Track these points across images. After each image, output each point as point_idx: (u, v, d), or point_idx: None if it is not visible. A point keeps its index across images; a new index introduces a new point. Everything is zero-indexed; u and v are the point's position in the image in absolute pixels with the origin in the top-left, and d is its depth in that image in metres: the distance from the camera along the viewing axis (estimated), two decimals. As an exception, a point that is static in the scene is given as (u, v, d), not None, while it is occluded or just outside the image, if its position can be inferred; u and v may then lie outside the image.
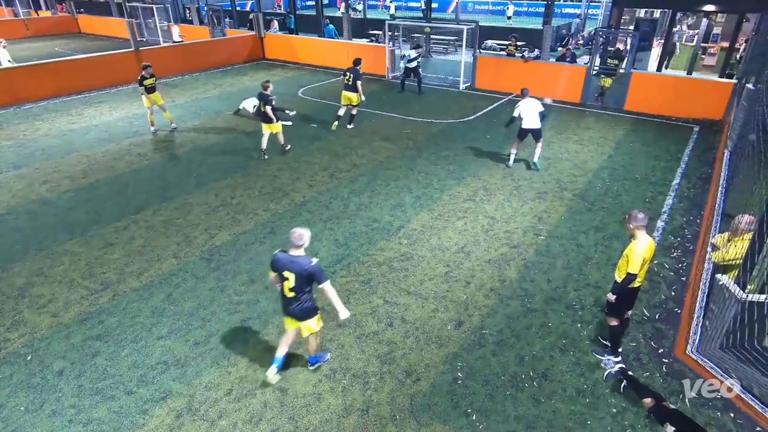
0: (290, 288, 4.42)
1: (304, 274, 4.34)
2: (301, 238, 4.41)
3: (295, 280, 4.36)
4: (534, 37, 21.01)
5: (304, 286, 4.42)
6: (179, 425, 4.46)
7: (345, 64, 19.21)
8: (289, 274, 4.38)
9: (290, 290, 4.43)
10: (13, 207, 8.49)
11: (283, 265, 4.41)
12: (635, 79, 13.64)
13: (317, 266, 4.35)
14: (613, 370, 4.89)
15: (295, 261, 4.38)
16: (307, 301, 4.53)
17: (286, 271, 4.39)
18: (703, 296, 5.67)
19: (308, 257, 4.41)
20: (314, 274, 4.34)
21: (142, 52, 17.62)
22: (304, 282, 4.39)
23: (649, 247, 4.60)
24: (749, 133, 8.23)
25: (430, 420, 4.51)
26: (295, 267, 4.36)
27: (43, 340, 5.47)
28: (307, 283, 4.41)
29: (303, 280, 4.37)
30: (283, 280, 4.44)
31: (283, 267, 4.41)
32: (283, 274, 4.41)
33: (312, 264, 4.34)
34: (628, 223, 4.63)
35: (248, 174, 9.78)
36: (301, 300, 4.48)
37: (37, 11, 33.97)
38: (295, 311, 4.55)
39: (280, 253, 4.51)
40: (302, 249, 4.44)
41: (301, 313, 4.56)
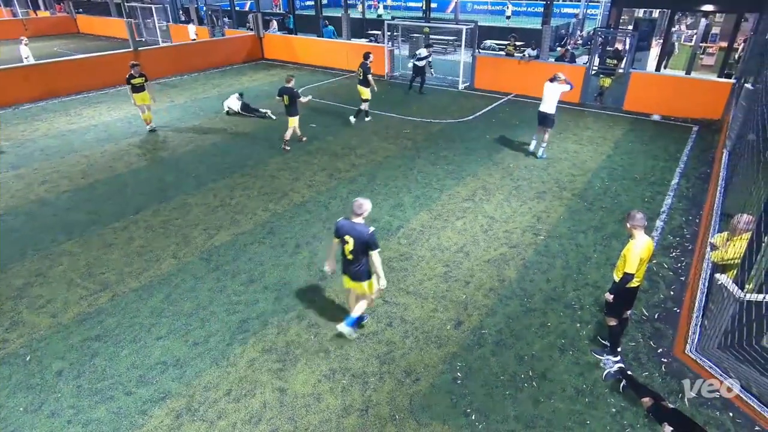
0: (350, 251, 4.95)
1: (362, 239, 4.85)
2: (361, 208, 4.91)
3: (354, 244, 4.89)
4: (533, 37, 21.03)
5: (361, 250, 4.91)
6: (178, 425, 4.45)
7: (344, 64, 19.37)
8: (349, 239, 4.91)
9: (350, 252, 4.96)
10: (12, 207, 8.48)
11: (345, 230, 4.94)
12: (634, 79, 13.66)
13: (373, 235, 4.87)
14: (612, 370, 4.90)
15: (355, 227, 4.90)
16: (364, 264, 5.03)
17: (347, 235, 4.92)
18: (702, 296, 5.67)
19: (367, 226, 4.91)
20: (369, 242, 4.85)
21: (141, 52, 17.61)
22: (361, 246, 4.88)
23: (647, 248, 4.61)
24: (748, 133, 8.24)
25: (430, 420, 4.52)
26: (354, 232, 4.89)
27: (42, 341, 5.47)
28: (363, 247, 4.89)
29: (360, 244, 4.87)
30: (344, 244, 4.98)
31: (345, 232, 4.94)
32: (345, 238, 4.95)
33: (369, 232, 4.85)
34: (627, 222, 4.64)
35: (247, 174, 9.78)
36: (359, 262, 5.01)
37: (36, 11, 33.96)
38: (353, 272, 5.09)
39: (342, 220, 5.04)
40: (362, 217, 4.92)
41: (358, 274, 5.08)
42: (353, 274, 5.10)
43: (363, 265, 5.03)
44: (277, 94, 10.53)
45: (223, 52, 20.36)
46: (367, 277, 5.12)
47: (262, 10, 24.88)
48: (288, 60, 21.07)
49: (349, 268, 5.09)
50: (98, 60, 16.61)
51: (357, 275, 5.08)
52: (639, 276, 4.72)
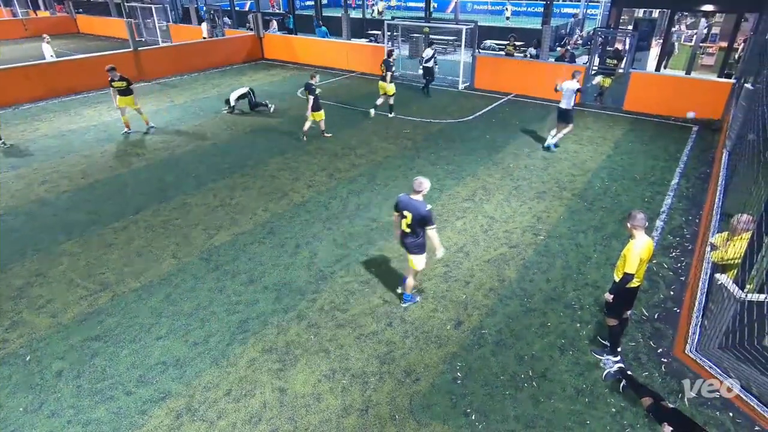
0: (407, 224, 5.36)
1: (419, 215, 5.21)
2: (420, 185, 5.25)
3: (412, 219, 5.28)
4: (533, 37, 21.03)
5: (418, 224, 5.28)
6: (178, 425, 4.45)
7: (344, 64, 19.37)
8: (407, 213, 5.31)
9: (408, 226, 5.37)
10: (12, 207, 8.48)
11: (404, 206, 5.33)
12: (634, 78, 13.66)
13: (429, 212, 5.22)
14: (612, 370, 4.90)
15: (413, 203, 5.26)
16: (420, 237, 5.41)
17: (406, 210, 5.31)
18: (702, 296, 5.67)
19: (425, 203, 5.25)
20: (425, 217, 5.21)
21: (141, 52, 17.62)
22: (417, 221, 5.25)
23: (647, 248, 4.60)
24: (748, 133, 8.24)
25: (430, 420, 4.52)
26: (412, 208, 5.26)
27: (42, 341, 5.46)
28: (419, 222, 5.25)
29: (417, 220, 5.24)
30: (402, 218, 5.37)
31: (404, 207, 5.34)
32: (404, 212, 5.34)
33: (426, 209, 5.21)
34: (627, 222, 4.64)
35: (247, 174, 9.78)
36: (416, 236, 5.40)
37: (36, 11, 33.96)
38: (409, 244, 5.48)
39: (403, 195, 5.43)
40: (421, 195, 5.26)
41: (412, 247, 5.48)
42: (409, 247, 5.49)
43: (418, 238, 5.41)
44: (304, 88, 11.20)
45: (223, 52, 20.36)
46: (417, 252, 5.49)
47: (262, 10, 24.90)
48: (288, 60, 21.07)
49: (407, 241, 5.50)
50: (98, 60, 16.58)
51: (414, 247, 5.46)
52: (639, 276, 4.71)
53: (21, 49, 24.52)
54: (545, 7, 16.56)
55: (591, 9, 31.86)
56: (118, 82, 11.24)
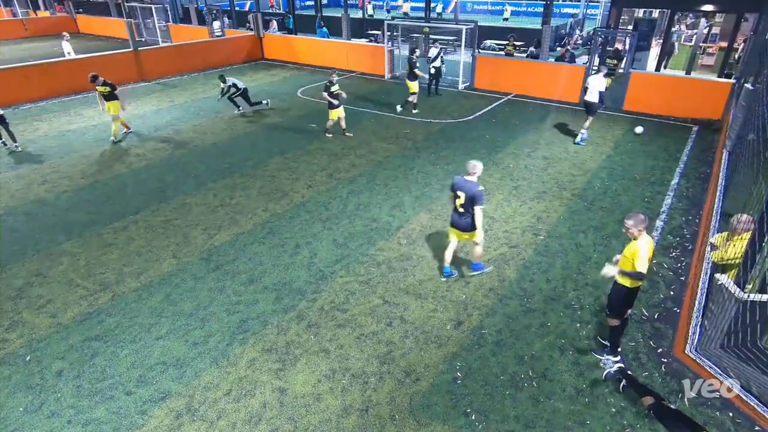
0: (460, 204, 5.80)
1: (471, 194, 5.66)
2: (474, 168, 5.75)
3: (465, 199, 5.72)
4: (532, 37, 21.03)
5: (470, 204, 5.72)
6: (178, 425, 4.45)
7: (344, 65, 19.37)
8: (461, 193, 5.75)
9: (460, 206, 5.81)
10: (12, 207, 8.48)
11: (458, 186, 5.79)
12: (634, 78, 13.66)
13: (481, 192, 5.69)
14: (612, 370, 4.89)
15: (467, 184, 5.73)
16: (470, 216, 5.82)
17: (459, 190, 5.76)
18: (702, 296, 5.67)
19: (477, 183, 5.73)
20: (476, 196, 5.65)
21: (141, 52, 17.62)
22: (470, 201, 5.70)
23: (651, 247, 4.60)
24: (748, 133, 8.25)
25: (430, 420, 4.51)
26: (465, 188, 5.72)
27: (41, 341, 5.47)
28: (471, 201, 5.70)
29: (469, 199, 5.69)
30: (455, 198, 5.81)
31: (458, 187, 5.79)
32: (457, 192, 5.78)
33: (479, 189, 5.67)
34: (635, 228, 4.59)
35: (247, 174, 9.78)
36: (467, 215, 5.81)
37: (36, 11, 33.96)
38: (461, 223, 5.93)
39: (458, 177, 5.90)
40: (475, 176, 5.74)
41: (465, 225, 5.92)
42: (462, 226, 5.95)
43: (469, 219, 5.85)
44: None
45: (223, 52, 20.36)
46: (470, 229, 5.93)
47: (262, 10, 24.89)
48: (288, 60, 21.08)
49: (459, 220, 5.93)
50: (98, 60, 16.60)
51: (464, 226, 5.93)
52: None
53: (21, 49, 24.52)
54: (545, 7, 16.57)
55: (591, 9, 31.86)
56: (101, 87, 11.10)
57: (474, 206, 5.72)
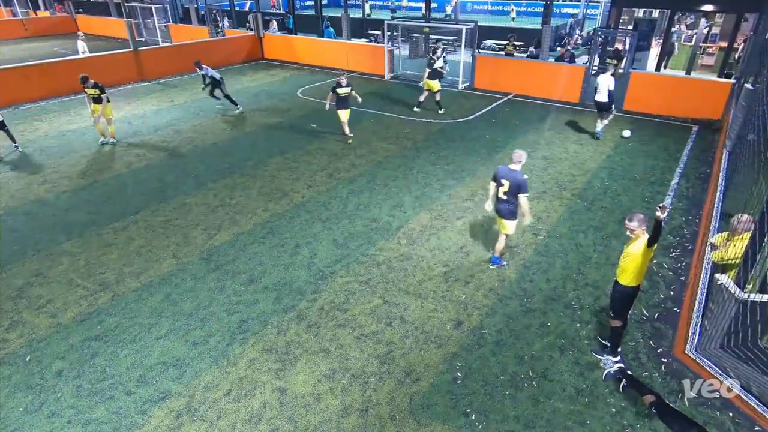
0: (504, 192, 6.09)
1: (516, 182, 5.95)
2: (520, 157, 6.02)
3: (509, 187, 6.01)
4: (532, 37, 21.04)
5: (514, 192, 5.99)
6: (178, 425, 4.45)
7: (344, 65, 19.37)
8: (505, 182, 6.03)
9: (504, 193, 6.10)
10: (12, 207, 8.47)
11: (502, 175, 6.07)
12: (634, 78, 13.66)
13: (526, 181, 6.00)
14: (612, 370, 4.89)
15: (512, 172, 6.00)
16: (514, 205, 6.12)
17: (504, 179, 6.04)
18: (702, 296, 5.67)
19: (522, 172, 6.01)
20: (522, 185, 5.95)
21: (141, 52, 17.62)
22: (514, 189, 5.97)
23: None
24: (748, 133, 8.25)
25: (430, 420, 4.51)
26: (511, 177, 5.99)
27: (41, 341, 5.46)
28: (516, 190, 5.96)
29: (514, 187, 5.97)
30: (500, 186, 6.10)
31: (503, 176, 6.06)
32: (501, 180, 6.07)
33: (524, 177, 5.97)
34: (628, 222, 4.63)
35: (247, 174, 9.78)
36: (510, 202, 6.12)
37: (36, 11, 33.96)
38: (504, 210, 6.21)
39: (502, 166, 6.17)
40: (519, 165, 6.00)
41: (507, 213, 6.22)
42: (505, 212, 6.23)
43: (512, 205, 6.13)
44: None
45: (223, 52, 20.35)
46: (510, 217, 6.24)
47: (264, 10, 24.88)
48: (288, 60, 21.07)
49: (501, 207, 6.23)
50: (98, 60, 16.61)
51: (508, 213, 6.21)
52: (641, 276, 4.71)
53: (21, 49, 24.53)
54: (545, 7, 16.56)
55: (591, 9, 31.86)
56: (91, 89, 10.77)
57: (519, 194, 5.99)
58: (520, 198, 6.02)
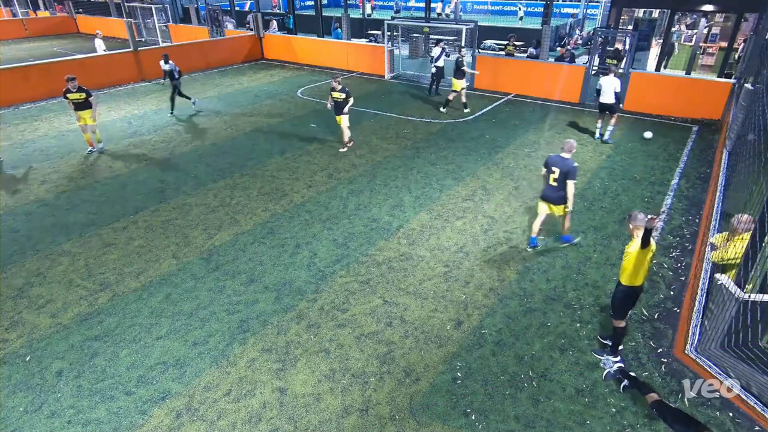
0: (554, 179, 6.47)
1: (566, 169, 6.35)
2: (571, 147, 6.46)
3: (559, 174, 6.40)
4: (532, 37, 21.03)
5: (564, 179, 6.40)
6: (178, 425, 4.45)
7: (344, 65, 19.38)
8: (556, 169, 6.43)
9: (554, 180, 6.47)
10: (12, 207, 8.47)
11: (554, 163, 6.47)
12: (634, 78, 13.66)
13: (576, 168, 6.43)
14: (612, 370, 4.90)
15: (564, 160, 6.41)
16: (563, 192, 6.49)
17: (554, 166, 6.44)
18: (702, 296, 5.67)
19: (573, 160, 6.42)
20: (571, 172, 6.36)
21: (141, 52, 17.61)
22: (564, 176, 6.38)
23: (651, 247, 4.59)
24: (748, 133, 8.25)
25: (430, 420, 4.52)
26: (561, 164, 6.39)
27: (42, 341, 5.46)
28: (565, 177, 6.38)
29: (564, 174, 6.38)
30: (550, 173, 6.49)
31: (554, 164, 6.47)
32: (552, 168, 6.46)
33: (574, 165, 6.38)
34: (629, 223, 4.65)
35: (247, 174, 9.78)
36: (560, 189, 6.48)
37: (36, 11, 33.95)
38: (554, 197, 6.59)
39: (553, 155, 6.59)
40: (570, 154, 6.42)
41: (557, 199, 6.59)
42: (555, 199, 6.59)
43: (562, 191, 6.48)
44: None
45: (223, 52, 20.35)
46: (562, 203, 6.59)
47: (263, 10, 24.87)
48: (288, 60, 21.07)
49: (552, 194, 6.59)
50: (98, 60, 16.60)
51: (559, 199, 6.57)
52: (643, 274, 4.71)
53: (21, 49, 24.52)
54: (545, 7, 16.55)
55: (591, 9, 31.86)
56: (75, 94, 10.06)
57: (567, 180, 6.38)
58: (568, 184, 6.41)
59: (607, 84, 10.77)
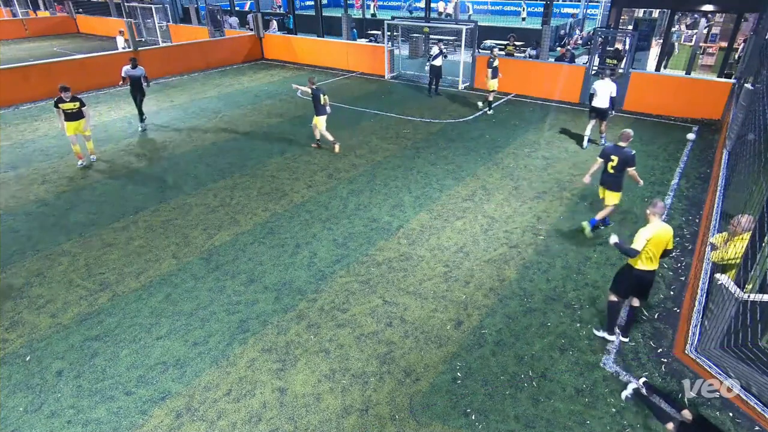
0: (612, 167, 6.96)
1: (625, 158, 6.83)
2: (628, 136, 6.91)
3: (618, 162, 6.88)
4: (532, 37, 21.03)
5: (621, 167, 6.88)
6: (178, 426, 4.45)
7: (344, 65, 19.38)
8: (614, 157, 6.91)
9: (612, 168, 6.97)
10: (12, 208, 8.47)
11: (611, 152, 6.95)
12: (634, 78, 13.66)
13: (635, 156, 6.88)
14: (629, 394, 4.66)
15: (621, 149, 6.89)
16: (620, 179, 7.00)
17: (613, 155, 6.92)
18: (702, 296, 5.67)
19: (630, 149, 6.88)
20: (630, 160, 6.83)
21: (141, 52, 17.62)
22: (622, 164, 6.86)
23: (659, 233, 4.87)
24: (748, 133, 8.25)
25: (430, 420, 4.52)
26: (620, 153, 6.88)
27: (42, 341, 5.47)
28: (624, 165, 6.85)
29: (622, 162, 6.85)
30: (608, 162, 6.98)
31: (612, 152, 6.94)
32: (611, 156, 6.93)
33: (632, 153, 6.85)
34: (648, 208, 5.06)
35: (247, 174, 9.78)
36: (617, 176, 7.00)
37: (36, 11, 33.94)
38: (612, 183, 7.08)
39: (609, 144, 7.22)
40: (627, 143, 6.88)
41: (613, 185, 7.09)
42: (611, 185, 7.10)
43: (619, 179, 7.00)
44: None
45: (223, 52, 20.35)
46: (616, 189, 7.12)
47: (263, 10, 24.86)
48: (288, 60, 21.08)
49: (609, 180, 7.09)
50: (98, 60, 16.60)
51: (614, 185, 7.07)
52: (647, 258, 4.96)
53: (21, 49, 24.52)
54: (545, 7, 16.55)
55: (591, 9, 31.86)
56: (69, 104, 9.63)
57: (627, 167, 6.86)
58: (629, 170, 6.91)
59: (603, 88, 10.33)
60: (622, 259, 6.85)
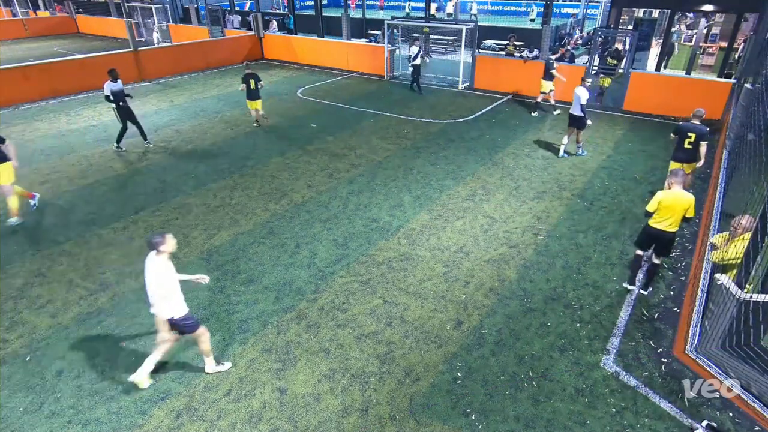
0: (689, 142, 7.70)
1: (701, 133, 7.62)
2: (702, 114, 7.72)
3: (696, 137, 7.65)
4: (532, 37, 21.03)
5: (698, 141, 7.64)
6: (178, 425, 4.45)
7: (344, 65, 19.37)
8: (691, 134, 7.67)
9: (689, 144, 7.71)
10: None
11: (688, 129, 7.69)
12: (634, 78, 13.66)
13: (709, 132, 7.75)
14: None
15: (696, 126, 7.65)
16: (695, 152, 7.75)
17: (690, 132, 7.67)
18: (702, 296, 5.67)
19: (704, 125, 7.70)
20: (705, 134, 7.63)
21: (141, 52, 17.62)
22: (699, 139, 7.63)
23: (674, 197, 5.45)
24: (748, 133, 8.25)
25: (430, 420, 4.51)
26: (696, 130, 7.66)
27: (42, 341, 5.46)
28: (700, 139, 7.63)
29: (699, 137, 7.63)
30: (685, 138, 7.71)
31: (688, 130, 7.69)
32: (688, 133, 7.68)
33: (706, 129, 7.68)
34: (669, 178, 5.63)
35: (247, 174, 9.78)
36: (693, 151, 7.74)
37: (36, 11, 33.95)
38: (686, 157, 7.84)
39: (683, 122, 7.85)
40: (699, 120, 7.69)
41: (690, 158, 7.86)
42: (687, 159, 7.84)
43: (694, 152, 7.74)
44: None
45: (223, 52, 20.35)
46: (695, 160, 7.86)
47: (263, 10, 24.86)
48: (288, 60, 21.08)
49: (685, 156, 7.85)
50: (98, 60, 16.60)
51: (689, 159, 7.84)
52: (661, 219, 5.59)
53: (21, 49, 24.52)
54: (545, 7, 16.55)
55: (591, 9, 31.86)
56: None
57: (701, 141, 7.59)
58: (701, 145, 7.61)
59: (575, 94, 9.90)
60: (623, 257, 6.88)
